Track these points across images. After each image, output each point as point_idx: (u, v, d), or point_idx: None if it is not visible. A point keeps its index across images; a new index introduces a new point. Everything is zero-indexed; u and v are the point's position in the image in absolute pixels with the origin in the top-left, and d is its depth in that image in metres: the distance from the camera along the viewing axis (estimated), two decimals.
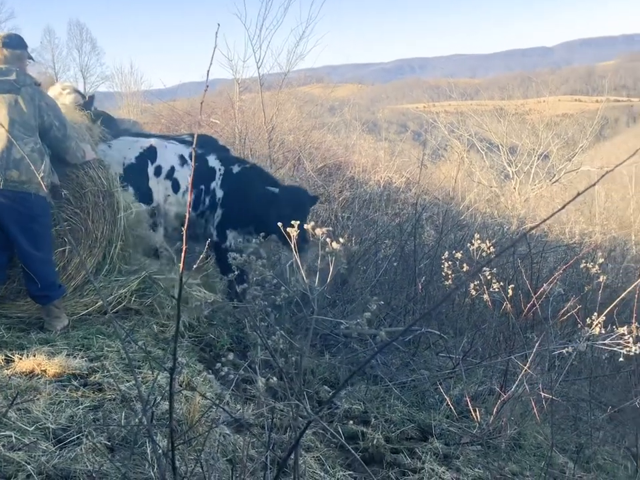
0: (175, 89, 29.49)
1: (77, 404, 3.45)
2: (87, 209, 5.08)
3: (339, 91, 31.57)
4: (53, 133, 4.55)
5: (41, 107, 4.45)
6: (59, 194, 4.95)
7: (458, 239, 8.25)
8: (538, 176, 23.08)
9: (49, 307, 4.63)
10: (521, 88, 44.22)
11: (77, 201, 5.07)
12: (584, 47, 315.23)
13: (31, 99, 4.40)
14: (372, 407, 4.37)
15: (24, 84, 4.41)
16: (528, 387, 4.45)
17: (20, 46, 4.65)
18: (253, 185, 5.83)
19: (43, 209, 4.48)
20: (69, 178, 5.02)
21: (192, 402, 3.27)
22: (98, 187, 5.07)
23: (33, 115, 4.39)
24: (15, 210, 4.34)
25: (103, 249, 5.11)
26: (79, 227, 5.07)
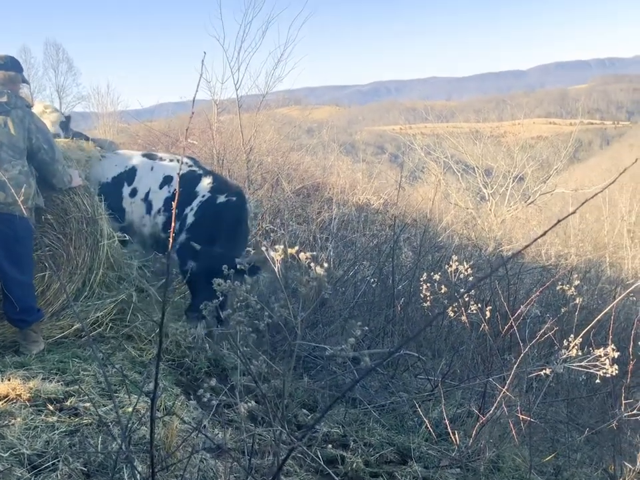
0: (153, 109, 29.44)
1: (53, 429, 3.40)
2: (69, 234, 5.05)
3: (317, 112, 31.83)
4: (40, 156, 4.54)
5: (30, 129, 4.44)
6: (41, 218, 4.92)
7: (436, 260, 8.29)
8: (513, 198, 23.33)
9: (26, 331, 4.57)
10: (496, 110, 44.88)
11: (60, 226, 5.04)
12: (558, 70, 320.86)
13: (20, 122, 4.39)
14: (351, 431, 4.35)
15: (14, 106, 4.41)
16: (506, 409, 4.45)
17: (14, 68, 4.66)
18: (226, 219, 5.67)
19: (27, 231, 4.45)
20: (53, 203, 4.99)
21: (170, 427, 3.23)
22: (82, 214, 5.05)
23: (22, 137, 4.38)
24: (0, 231, 4.31)
25: (83, 275, 5.08)
26: (61, 253, 5.04)
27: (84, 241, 5.06)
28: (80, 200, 5.04)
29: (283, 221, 10.70)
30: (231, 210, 5.67)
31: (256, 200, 11.20)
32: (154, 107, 29.13)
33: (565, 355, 4.42)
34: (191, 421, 3.56)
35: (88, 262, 5.07)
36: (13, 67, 4.66)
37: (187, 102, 18.55)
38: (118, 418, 2.04)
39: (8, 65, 4.61)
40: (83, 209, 5.05)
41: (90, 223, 5.07)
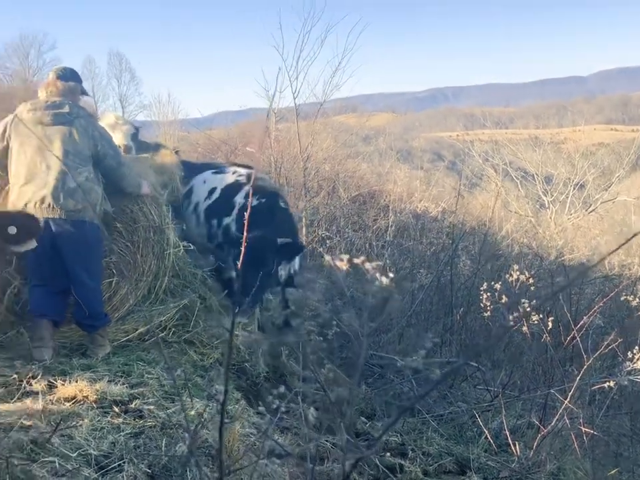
0: (212, 117, 29.94)
1: (119, 430, 3.49)
2: (137, 243, 5.20)
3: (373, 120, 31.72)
4: (107, 161, 4.67)
5: (94, 136, 4.57)
6: (110, 226, 5.08)
7: (495, 269, 8.19)
8: (574, 205, 22.86)
9: (94, 335, 4.71)
10: (556, 117, 44.02)
11: (129, 234, 5.20)
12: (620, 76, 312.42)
13: (84, 130, 4.53)
14: (409, 440, 4.34)
15: (77, 116, 4.54)
16: (568, 421, 4.38)
17: (73, 79, 4.82)
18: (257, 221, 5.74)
19: (97, 236, 4.60)
20: (123, 212, 5.16)
21: (232, 431, 3.28)
22: (150, 223, 5.20)
23: (86, 145, 4.52)
24: (72, 238, 4.46)
25: (148, 282, 5.21)
26: (128, 260, 5.20)
27: (151, 249, 5.20)
28: (148, 209, 5.19)
29: (339, 228, 10.74)
30: (261, 211, 5.74)
31: (312, 207, 11.26)
32: (213, 115, 29.65)
33: (629, 366, 4.32)
34: (251, 425, 3.62)
35: (154, 269, 5.21)
36: (72, 77, 4.83)
37: (246, 110, 18.83)
38: (184, 421, 2.09)
39: (67, 75, 4.79)
40: (150, 218, 5.19)
41: (157, 231, 5.21)
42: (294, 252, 5.94)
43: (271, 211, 5.69)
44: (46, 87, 4.67)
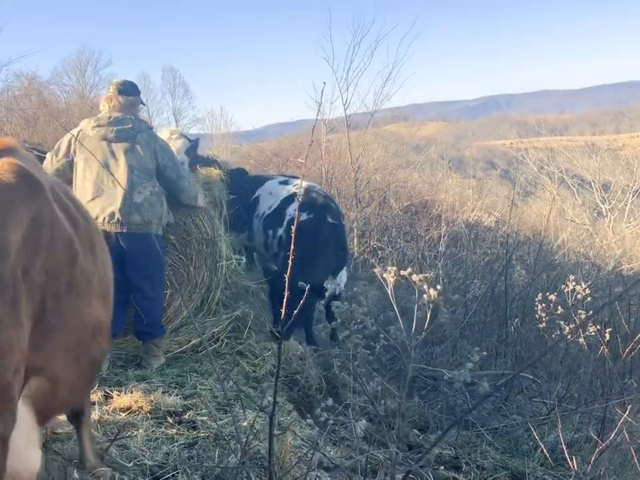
0: (263, 130, 30.37)
1: (172, 441, 3.55)
2: (190, 255, 5.30)
3: (424, 129, 31.59)
4: (167, 174, 4.77)
5: (156, 150, 4.69)
6: (164, 238, 5.20)
7: (551, 279, 8.02)
8: (633, 213, 22.23)
9: (149, 345, 4.81)
10: (613, 123, 43.01)
11: (182, 247, 5.31)
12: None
13: (147, 144, 4.65)
14: (463, 453, 4.28)
15: (139, 130, 4.67)
16: (627, 434, 4.25)
17: (134, 92, 4.92)
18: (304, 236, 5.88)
19: (161, 248, 4.69)
20: (176, 225, 5.28)
21: (283, 442, 3.30)
22: (202, 235, 5.29)
23: (150, 158, 4.64)
24: (139, 251, 4.58)
25: (202, 294, 5.30)
26: (182, 272, 5.30)
27: (203, 261, 5.29)
28: (201, 222, 5.28)
29: (391, 238, 10.71)
30: (308, 227, 5.80)
31: (364, 218, 11.26)
32: (264, 127, 30.06)
33: None
34: (303, 437, 3.62)
35: (207, 281, 5.29)
36: (132, 91, 4.91)
37: (296, 122, 18.98)
38: (235, 432, 2.11)
39: (127, 89, 4.88)
40: (203, 231, 5.28)
41: (209, 244, 5.30)
42: (339, 266, 6.07)
43: (316, 227, 5.79)
44: (108, 101, 4.79)
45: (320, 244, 5.74)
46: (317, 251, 5.65)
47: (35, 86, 18.71)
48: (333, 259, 6.01)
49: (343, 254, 6.25)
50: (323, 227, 5.94)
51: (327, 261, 5.91)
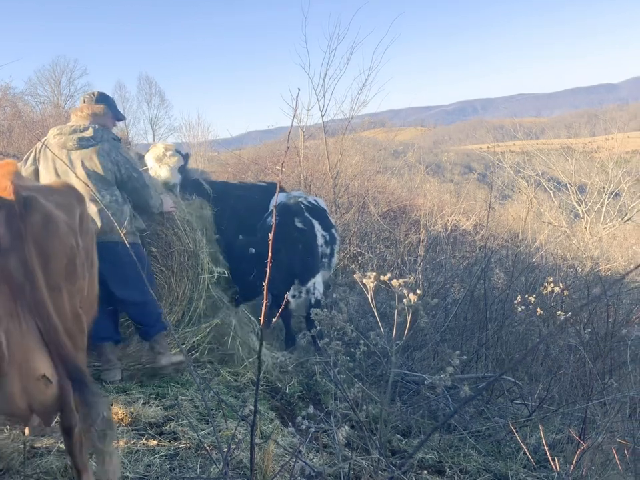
0: (241, 137, 30.25)
1: (154, 453, 3.51)
2: (171, 267, 5.27)
3: (402, 134, 31.75)
4: (132, 184, 4.74)
5: (118, 161, 4.64)
6: (145, 249, 5.17)
7: (529, 281, 8.07)
8: (609, 215, 22.50)
9: (151, 343, 4.81)
10: (588, 126, 43.44)
11: (164, 259, 5.27)
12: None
13: (107, 154, 4.60)
14: (446, 457, 4.28)
15: (101, 140, 4.62)
16: (608, 435, 4.28)
17: (103, 102, 4.87)
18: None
19: (131, 255, 4.60)
20: (158, 237, 5.25)
21: (265, 451, 3.28)
22: (184, 247, 5.26)
23: (109, 169, 4.59)
24: (105, 260, 4.52)
25: (183, 307, 5.27)
26: (163, 284, 5.26)
27: (185, 273, 5.27)
28: (183, 234, 5.26)
29: (371, 244, 10.71)
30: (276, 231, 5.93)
31: (343, 224, 11.26)
32: (242, 135, 29.96)
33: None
34: (286, 445, 3.60)
35: (188, 294, 5.26)
36: (102, 101, 4.88)
37: (274, 129, 18.98)
38: (217, 442, 2.09)
39: (98, 98, 4.86)
40: (185, 243, 5.26)
41: (191, 256, 5.28)
42: (308, 273, 6.07)
43: (281, 231, 5.80)
44: (75, 112, 4.80)
45: (284, 248, 5.77)
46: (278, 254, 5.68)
47: (9, 97, 18.52)
48: (298, 264, 6.04)
49: (312, 260, 6.23)
50: (288, 232, 6.00)
51: (291, 265, 5.95)
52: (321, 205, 6.85)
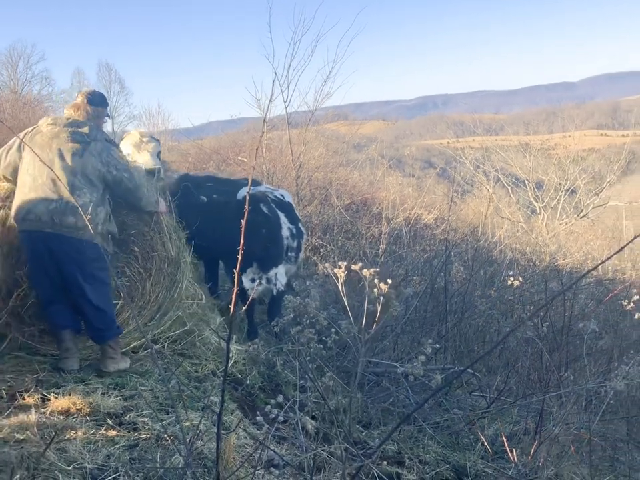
0: (203, 127, 29.95)
1: (113, 443, 3.47)
2: (150, 270, 5.19)
3: (364, 128, 31.81)
4: (124, 185, 4.70)
5: (109, 162, 4.59)
6: (128, 248, 5.14)
7: (488, 275, 8.19)
8: (565, 211, 22.90)
9: (104, 346, 4.70)
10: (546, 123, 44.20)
11: (144, 261, 5.19)
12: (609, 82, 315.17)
13: (98, 155, 4.55)
14: (406, 448, 4.32)
15: (94, 139, 4.58)
16: (564, 426, 4.36)
17: (102, 104, 4.87)
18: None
19: (96, 255, 4.54)
20: (143, 237, 5.19)
21: (227, 442, 3.26)
22: (167, 253, 5.18)
23: (98, 169, 4.54)
24: (69, 255, 4.47)
25: (152, 312, 5.17)
26: (138, 286, 5.18)
27: (162, 279, 5.18)
28: (167, 240, 5.18)
29: (333, 236, 10.73)
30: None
31: (305, 216, 11.26)
32: (204, 125, 29.66)
33: (625, 371, 4.31)
34: (248, 436, 3.59)
35: (160, 300, 5.17)
36: (101, 103, 4.87)
37: (237, 120, 18.84)
38: (181, 433, 2.06)
39: (97, 99, 4.82)
40: (168, 249, 5.18)
41: (172, 264, 5.20)
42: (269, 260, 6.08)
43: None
44: (74, 109, 4.72)
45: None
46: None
47: None
48: (259, 248, 6.04)
49: (275, 249, 6.22)
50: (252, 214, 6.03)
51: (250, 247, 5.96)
52: (287, 199, 6.83)
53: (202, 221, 5.92)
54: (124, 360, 4.75)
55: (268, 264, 6.16)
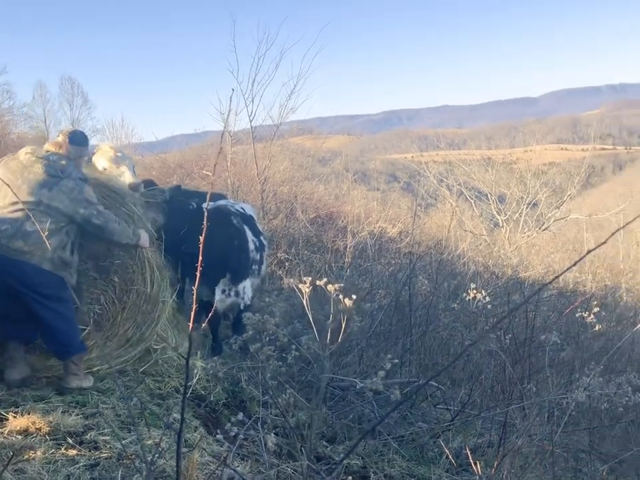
0: (167, 141, 29.74)
1: (73, 463, 3.39)
2: (125, 303, 5.08)
3: (329, 142, 31.95)
4: (93, 222, 4.67)
5: (78, 200, 4.58)
6: (109, 276, 5.10)
7: (452, 288, 8.26)
8: (527, 224, 23.20)
9: (67, 362, 4.63)
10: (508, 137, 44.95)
11: (121, 292, 5.09)
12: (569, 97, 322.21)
13: (69, 191, 4.54)
14: (371, 462, 4.31)
15: (68, 176, 4.58)
16: (527, 438, 4.40)
17: (82, 143, 4.89)
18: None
19: (45, 280, 4.50)
20: (126, 269, 5.10)
21: (190, 459, 3.21)
22: (146, 290, 5.09)
23: (65, 205, 4.53)
24: (14, 275, 4.44)
25: (118, 346, 5.06)
26: (109, 316, 5.07)
27: (134, 315, 5.08)
28: (148, 277, 5.09)
29: (298, 250, 10.72)
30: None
31: (271, 229, 11.24)
32: (168, 139, 29.45)
33: (586, 382, 4.37)
34: (211, 453, 3.55)
35: (129, 335, 5.07)
36: (83, 143, 4.89)
37: (201, 134, 18.76)
38: (142, 451, 2.03)
39: (78, 139, 4.85)
40: (147, 285, 5.08)
41: (149, 301, 5.10)
42: (238, 272, 6.05)
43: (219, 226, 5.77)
44: (56, 147, 4.73)
45: (219, 239, 5.73)
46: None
47: None
48: (233, 259, 6.04)
49: (245, 261, 6.21)
50: (226, 227, 6.01)
51: (226, 258, 5.94)
52: (248, 212, 6.81)
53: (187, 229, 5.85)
54: (87, 379, 4.68)
55: (238, 276, 6.15)
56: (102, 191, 5.07)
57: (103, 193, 5.07)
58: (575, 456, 5.31)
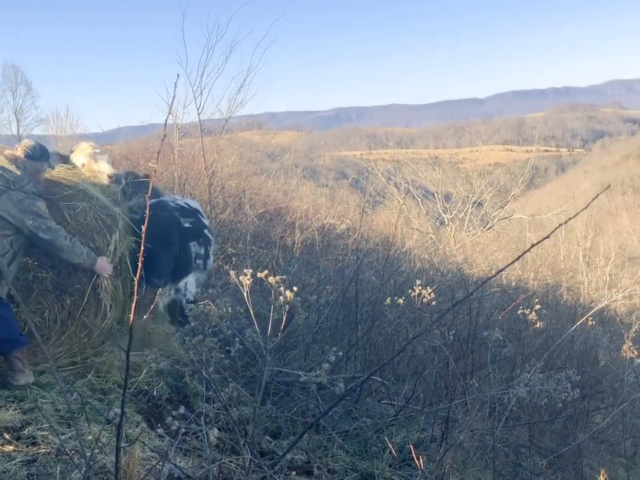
0: (113, 132, 29.21)
1: (10, 459, 3.30)
2: (66, 328, 4.89)
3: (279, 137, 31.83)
4: (41, 235, 4.57)
5: (29, 211, 4.51)
6: (62, 294, 4.91)
7: (398, 284, 8.32)
8: (472, 223, 23.59)
9: (11, 358, 4.49)
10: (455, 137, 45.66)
11: (67, 316, 4.88)
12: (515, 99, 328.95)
13: (18, 202, 4.49)
14: (315, 457, 4.30)
15: (20, 188, 4.54)
16: (469, 433, 4.47)
17: (41, 158, 4.80)
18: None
19: None
20: (83, 295, 4.89)
21: (131, 455, 3.15)
22: (99, 310, 4.93)
23: (12, 215, 4.47)
24: None
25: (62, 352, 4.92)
26: (45, 332, 4.87)
27: (71, 342, 4.91)
28: (102, 310, 4.92)
29: (246, 245, 10.65)
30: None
31: (218, 224, 11.15)
32: (114, 130, 28.89)
33: (527, 378, 4.46)
34: (153, 448, 3.49)
35: (58, 357, 4.90)
36: (41, 157, 4.80)
37: (147, 126, 18.46)
38: (81, 447, 1.98)
39: (36, 154, 4.76)
40: (98, 318, 4.93)
41: (91, 335, 4.93)
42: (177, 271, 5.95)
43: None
44: (12, 159, 4.67)
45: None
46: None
47: None
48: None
49: (185, 259, 6.10)
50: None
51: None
52: (193, 206, 6.69)
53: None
54: (30, 373, 4.57)
55: (178, 273, 6.01)
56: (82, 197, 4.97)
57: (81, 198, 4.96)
58: (515, 450, 5.42)
